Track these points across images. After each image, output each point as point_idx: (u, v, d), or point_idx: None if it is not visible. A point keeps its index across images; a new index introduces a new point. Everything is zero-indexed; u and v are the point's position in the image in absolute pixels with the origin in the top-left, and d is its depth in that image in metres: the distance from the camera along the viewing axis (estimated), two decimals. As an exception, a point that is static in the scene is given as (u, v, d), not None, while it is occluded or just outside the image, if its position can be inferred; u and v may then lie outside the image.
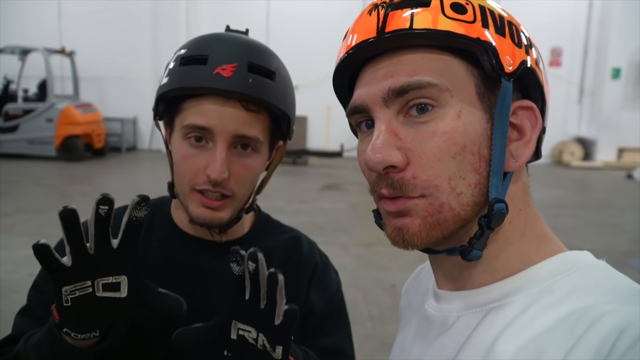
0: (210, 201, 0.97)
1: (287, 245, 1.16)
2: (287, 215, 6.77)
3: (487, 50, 0.62)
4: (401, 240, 0.65)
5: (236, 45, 0.98)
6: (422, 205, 0.63)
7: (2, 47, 11.64)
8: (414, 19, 0.62)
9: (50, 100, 11.33)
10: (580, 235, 6.57)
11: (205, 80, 0.93)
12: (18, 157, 11.31)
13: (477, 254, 0.63)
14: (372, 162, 0.62)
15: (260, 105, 0.96)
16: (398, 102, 0.63)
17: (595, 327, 0.54)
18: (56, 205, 4.76)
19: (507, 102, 0.63)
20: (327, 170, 11.18)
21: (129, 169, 11.00)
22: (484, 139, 0.63)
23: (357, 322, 3.72)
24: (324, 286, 1.15)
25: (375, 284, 4.46)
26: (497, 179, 0.63)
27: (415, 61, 0.63)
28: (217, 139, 0.94)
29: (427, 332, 0.74)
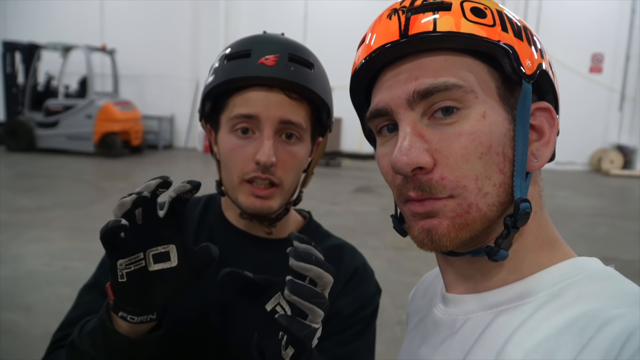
0: (260, 190, 1.00)
1: (330, 251, 1.14)
2: (319, 217, 6.74)
3: (507, 53, 0.63)
4: (429, 242, 0.65)
5: (276, 40, 1.04)
6: (450, 206, 0.63)
7: (44, 44, 11.92)
8: (437, 23, 0.63)
9: (90, 97, 11.56)
10: (619, 245, 6.42)
11: (249, 70, 0.98)
12: (57, 152, 11.58)
13: (504, 253, 0.63)
14: (400, 164, 0.62)
15: (302, 93, 1.01)
16: (423, 105, 0.64)
17: (603, 331, 0.54)
18: (94, 201, 4.88)
19: (528, 103, 0.64)
20: (360, 172, 11.15)
21: (165, 166, 11.15)
22: (507, 139, 0.64)
23: (386, 327, 3.70)
24: (356, 294, 1.12)
25: (405, 288, 4.42)
26: (521, 179, 0.64)
27: (438, 63, 0.64)
28: (263, 126, 0.99)
29: (434, 336, 0.74)
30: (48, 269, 4.73)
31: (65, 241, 5.51)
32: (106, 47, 12.31)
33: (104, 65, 13.10)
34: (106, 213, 6.57)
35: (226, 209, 1.15)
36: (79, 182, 8.91)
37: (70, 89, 12.38)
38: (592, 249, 6.00)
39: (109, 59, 12.58)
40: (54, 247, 5.32)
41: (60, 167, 10.10)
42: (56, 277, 4.54)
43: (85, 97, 11.65)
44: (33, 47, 11.82)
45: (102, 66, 13.11)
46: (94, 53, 11.97)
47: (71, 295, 1.09)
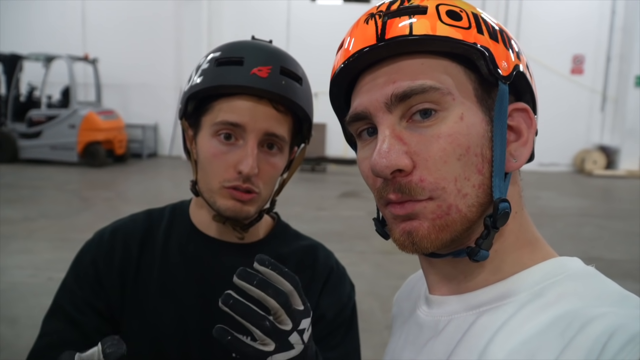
0: (241, 194, 1.01)
1: (302, 252, 1.18)
2: (306, 222, 6.77)
3: (483, 54, 0.63)
4: (410, 244, 0.65)
5: (269, 51, 1.04)
6: (430, 208, 0.63)
7: (26, 54, 11.83)
8: (413, 26, 0.63)
9: (73, 107, 11.48)
10: (605, 245, 6.48)
11: (242, 79, 0.98)
12: (41, 163, 11.47)
13: (484, 254, 0.63)
14: (379, 166, 0.62)
15: (289, 106, 1.02)
16: (401, 107, 0.64)
17: (585, 330, 0.54)
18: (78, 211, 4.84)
19: (505, 104, 0.65)
20: (346, 177, 11.17)
21: (150, 175, 11.09)
22: (485, 140, 0.64)
23: (374, 331, 3.69)
24: (337, 295, 1.15)
25: (393, 292, 4.31)
26: (500, 179, 0.64)
27: (415, 66, 0.64)
28: (248, 136, 0.99)
29: (417, 337, 0.75)
30: (33, 281, 4.68)
31: (50, 252, 5.45)
32: (88, 57, 12.23)
33: (86, 75, 13.01)
34: (91, 223, 6.52)
35: (195, 216, 1.15)
36: (63, 192, 8.83)
37: (53, 99, 12.30)
38: (577, 249, 6.04)
39: (91, 69, 12.49)
40: (39, 258, 5.26)
41: (44, 178, 10.01)
42: (41, 288, 4.48)
43: (68, 107, 11.56)
44: (15, 58, 11.71)
45: (85, 76, 13.02)
46: (76, 63, 11.89)
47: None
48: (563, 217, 7.98)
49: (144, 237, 1.12)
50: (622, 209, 9.03)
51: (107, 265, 1.08)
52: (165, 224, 1.15)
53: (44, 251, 5.50)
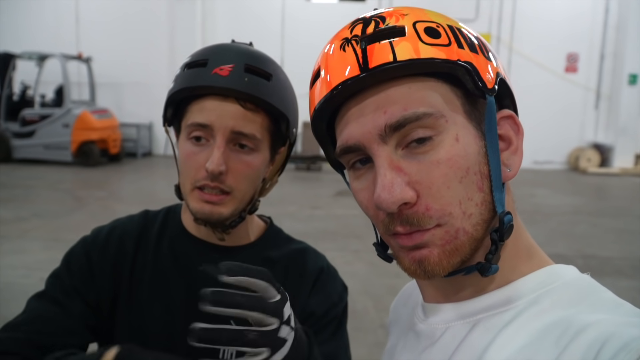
0: (209, 196, 1.02)
1: (293, 254, 1.18)
2: (300, 221, 6.77)
3: (468, 70, 0.63)
4: (422, 272, 0.64)
5: (235, 50, 1.05)
6: (438, 235, 0.62)
7: (19, 53, 11.78)
8: (396, 51, 0.61)
9: (67, 106, 11.44)
10: (598, 243, 6.49)
11: (203, 79, 1.00)
12: (34, 162, 11.43)
13: (495, 268, 0.64)
14: (385, 203, 0.61)
15: (257, 104, 1.02)
16: (396, 137, 0.62)
17: (579, 338, 0.55)
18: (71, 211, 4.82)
19: (494, 116, 0.65)
20: (341, 176, 11.14)
21: (144, 174, 11.06)
22: (481, 156, 0.64)
23: (369, 330, 3.69)
24: (325, 293, 1.15)
25: (387, 291, 4.41)
26: (499, 193, 0.64)
27: (404, 93, 0.62)
28: (216, 135, 1.00)
29: (414, 345, 0.74)
30: (26, 281, 4.66)
31: (43, 252, 5.42)
32: (82, 56, 12.19)
33: (80, 74, 12.95)
34: (84, 222, 6.49)
35: (185, 217, 1.16)
36: (56, 191, 8.80)
37: (47, 98, 12.24)
38: (571, 247, 6.06)
39: (85, 67, 12.46)
40: (32, 259, 5.24)
41: (38, 177, 9.97)
42: (34, 288, 4.39)
43: (62, 106, 11.52)
44: (8, 57, 11.67)
45: (79, 75, 12.97)
46: (70, 61, 11.85)
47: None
48: (557, 215, 8.00)
49: (139, 237, 1.14)
50: (616, 207, 9.06)
51: (101, 259, 1.10)
52: (159, 224, 1.16)
53: (37, 251, 5.48)
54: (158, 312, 1.08)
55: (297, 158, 11.71)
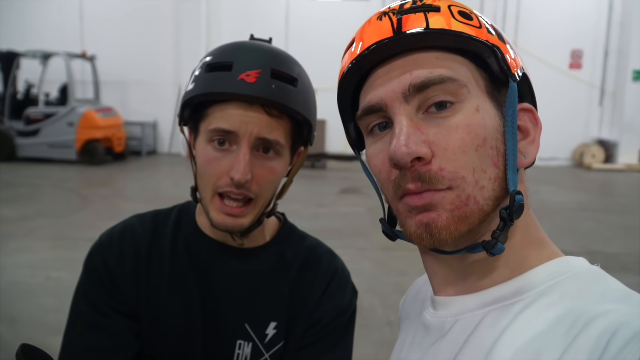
0: (231, 208, 1.00)
1: (306, 254, 1.17)
2: (306, 219, 6.77)
3: (495, 52, 0.65)
4: (428, 236, 0.64)
5: (260, 53, 1.01)
6: (449, 198, 0.63)
7: (23, 51, 11.80)
8: (429, 21, 0.64)
9: (71, 104, 11.47)
10: (603, 239, 6.47)
11: (229, 86, 0.96)
12: (39, 161, 11.46)
13: (500, 247, 0.63)
14: (400, 153, 0.62)
15: (282, 110, 0.99)
16: (418, 98, 0.64)
17: (588, 328, 0.55)
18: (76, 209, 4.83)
19: (515, 101, 0.66)
20: (346, 173, 11.16)
21: (148, 172, 11.08)
22: (499, 134, 0.65)
23: (375, 328, 3.69)
24: (336, 299, 1.13)
25: (393, 288, 4.41)
26: (513, 173, 0.65)
27: (431, 59, 0.65)
28: (240, 142, 0.97)
29: (424, 339, 0.75)
30: (31, 280, 4.66)
31: (49, 251, 5.43)
32: (86, 54, 12.21)
33: (84, 72, 12.98)
34: (89, 221, 6.52)
35: (199, 218, 1.14)
36: (61, 190, 8.82)
37: (51, 96, 12.27)
38: (577, 244, 6.05)
39: (89, 66, 12.48)
40: (37, 257, 5.24)
41: (42, 176, 9.99)
42: (40, 287, 4.48)
43: (66, 105, 11.55)
44: (12, 55, 11.68)
45: (83, 73, 13.00)
46: (74, 60, 11.87)
47: (56, 306, 1.08)
48: (562, 211, 7.98)
49: (152, 239, 1.12)
50: (621, 203, 9.03)
51: (120, 266, 1.08)
52: (172, 224, 1.15)
53: (43, 250, 5.48)
54: (177, 314, 1.07)
55: (301, 156, 11.68)
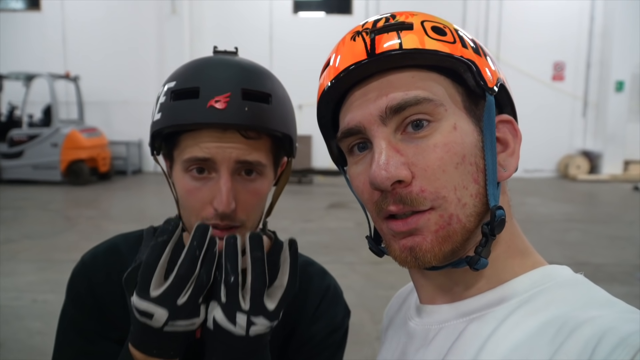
0: (220, 232, 0.92)
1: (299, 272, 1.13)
2: (294, 235, 6.68)
3: (470, 67, 0.65)
4: (413, 259, 0.64)
5: (227, 72, 0.93)
6: (433, 220, 0.63)
7: (6, 74, 11.74)
8: (403, 41, 0.64)
9: (55, 125, 11.40)
10: (590, 250, 6.51)
11: (199, 116, 0.88)
12: (23, 183, 11.35)
13: (484, 262, 0.63)
14: (380, 178, 0.62)
15: (260, 131, 0.93)
16: (395, 120, 0.65)
17: (574, 334, 0.55)
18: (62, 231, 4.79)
19: (492, 114, 0.66)
20: (333, 188, 11.16)
21: (134, 191, 11.01)
22: (477, 150, 0.65)
23: (364, 343, 3.67)
24: (327, 318, 1.10)
25: (382, 303, 4.33)
26: (494, 188, 0.65)
27: (406, 79, 0.65)
28: (219, 168, 0.91)
29: (408, 347, 0.75)
30: (17, 303, 4.59)
31: (34, 273, 5.36)
32: (70, 74, 12.17)
33: (68, 93, 12.94)
34: (75, 242, 6.45)
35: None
36: (46, 212, 8.73)
37: (34, 118, 12.19)
38: (564, 255, 6.08)
39: (73, 86, 12.44)
40: (22, 280, 5.16)
41: (27, 198, 9.89)
42: (26, 310, 4.41)
43: (50, 126, 11.48)
44: (-6, 78, 11.62)
45: (67, 94, 12.95)
46: (57, 81, 11.82)
47: (42, 329, 1.04)
48: (549, 222, 8.02)
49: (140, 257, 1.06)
50: (607, 213, 9.10)
51: (106, 290, 1.02)
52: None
53: (28, 273, 5.41)
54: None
55: (288, 172, 11.67)
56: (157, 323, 0.79)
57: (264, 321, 0.81)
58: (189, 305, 0.80)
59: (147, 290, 0.79)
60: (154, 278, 0.79)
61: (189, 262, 0.79)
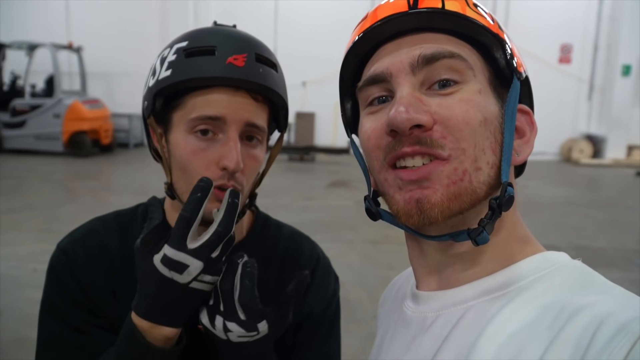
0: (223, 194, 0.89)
1: (286, 244, 1.13)
2: (294, 212, 6.76)
3: (504, 47, 0.65)
4: (418, 213, 0.62)
5: (240, 37, 0.96)
6: (447, 172, 0.61)
7: (9, 43, 11.68)
8: (445, 3, 0.63)
9: (58, 96, 11.37)
10: (589, 234, 6.52)
11: (218, 70, 0.89)
12: (25, 153, 11.36)
13: (485, 236, 0.62)
14: (399, 118, 0.60)
15: (266, 95, 0.95)
16: (424, 72, 0.64)
17: (573, 320, 0.55)
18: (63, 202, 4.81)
19: (516, 98, 0.66)
20: (335, 167, 11.16)
21: (136, 165, 11.01)
22: (498, 123, 0.65)
23: (362, 321, 3.69)
24: (322, 291, 1.11)
25: (380, 282, 4.41)
26: (507, 165, 0.64)
27: (442, 39, 0.65)
28: (229, 129, 0.91)
29: (404, 335, 0.74)
30: (17, 272, 4.63)
31: (35, 243, 5.39)
32: (73, 45, 12.09)
33: (71, 64, 12.87)
34: (76, 214, 6.47)
35: (172, 214, 1.03)
36: (48, 183, 8.75)
37: (37, 88, 12.16)
38: (564, 238, 6.09)
39: (76, 57, 12.37)
40: (23, 250, 5.21)
41: (29, 168, 9.90)
42: (26, 280, 4.44)
43: (53, 96, 11.45)
44: (-3, 46, 11.56)
45: (69, 64, 12.89)
46: (60, 51, 11.76)
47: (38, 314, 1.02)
48: (550, 206, 8.02)
49: (121, 241, 1.04)
50: (608, 198, 9.10)
51: (91, 277, 1.00)
52: (140, 225, 1.05)
53: (28, 243, 5.45)
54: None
55: (290, 149, 11.69)
56: (187, 276, 0.80)
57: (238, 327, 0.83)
58: (219, 261, 0.82)
59: (184, 243, 0.79)
60: (190, 232, 0.80)
61: (227, 221, 0.81)
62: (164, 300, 0.81)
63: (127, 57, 13.51)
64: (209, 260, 0.80)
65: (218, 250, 0.81)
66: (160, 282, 0.80)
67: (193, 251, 0.79)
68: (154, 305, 0.82)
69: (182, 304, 0.82)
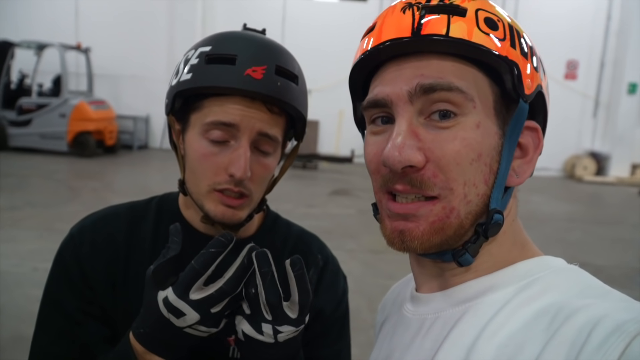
0: (231, 200, 0.96)
1: (296, 241, 1.15)
2: (295, 219, 6.69)
3: (512, 69, 0.64)
4: (399, 242, 0.65)
5: (263, 47, 0.97)
6: (435, 211, 0.63)
7: (18, 42, 11.74)
8: (450, 27, 0.63)
9: (64, 96, 11.41)
10: (591, 251, 6.51)
11: (235, 81, 0.91)
12: (30, 151, 11.39)
13: (468, 258, 0.65)
14: (392, 160, 0.62)
15: (283, 107, 0.97)
16: (422, 101, 0.64)
17: (569, 321, 0.55)
18: (65, 201, 4.80)
19: (522, 121, 0.66)
20: (337, 175, 11.16)
21: (139, 167, 11.03)
22: (495, 152, 0.65)
23: (361, 329, 3.68)
24: (333, 289, 1.13)
25: (381, 291, 4.35)
26: (499, 192, 0.66)
27: (445, 66, 0.64)
28: (241, 136, 0.94)
29: (403, 337, 0.75)
30: (17, 270, 4.63)
31: (36, 241, 5.40)
32: (81, 46, 12.16)
33: (78, 64, 12.93)
34: (78, 213, 6.43)
35: (185, 209, 1.08)
36: (50, 181, 8.77)
37: (44, 87, 12.21)
38: (565, 254, 5.88)
39: (83, 58, 12.43)
40: (24, 248, 5.21)
41: (32, 167, 9.93)
42: (26, 278, 4.44)
43: (59, 96, 11.49)
44: (7, 45, 11.62)
45: (77, 65, 12.94)
46: (68, 51, 11.81)
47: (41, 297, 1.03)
48: (552, 221, 8.01)
49: (129, 232, 1.06)
50: (611, 215, 9.07)
51: (93, 263, 1.01)
52: (153, 217, 1.08)
53: (29, 240, 5.45)
54: None
55: (293, 156, 11.67)
56: (183, 323, 0.80)
57: (290, 327, 0.82)
58: (218, 316, 0.82)
59: (187, 292, 0.80)
60: (196, 283, 0.80)
61: (234, 281, 0.81)
62: (160, 334, 0.83)
63: (133, 61, 13.59)
64: (207, 314, 0.81)
65: (219, 306, 0.81)
66: (158, 317, 0.82)
67: (194, 302, 0.80)
68: (150, 334, 0.83)
69: (177, 342, 0.84)
